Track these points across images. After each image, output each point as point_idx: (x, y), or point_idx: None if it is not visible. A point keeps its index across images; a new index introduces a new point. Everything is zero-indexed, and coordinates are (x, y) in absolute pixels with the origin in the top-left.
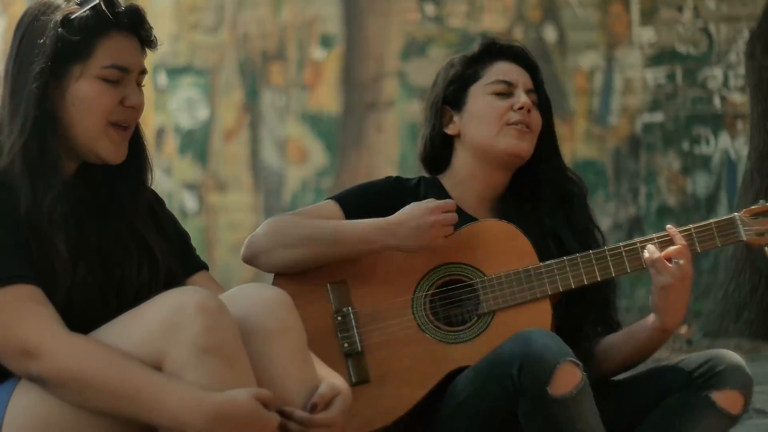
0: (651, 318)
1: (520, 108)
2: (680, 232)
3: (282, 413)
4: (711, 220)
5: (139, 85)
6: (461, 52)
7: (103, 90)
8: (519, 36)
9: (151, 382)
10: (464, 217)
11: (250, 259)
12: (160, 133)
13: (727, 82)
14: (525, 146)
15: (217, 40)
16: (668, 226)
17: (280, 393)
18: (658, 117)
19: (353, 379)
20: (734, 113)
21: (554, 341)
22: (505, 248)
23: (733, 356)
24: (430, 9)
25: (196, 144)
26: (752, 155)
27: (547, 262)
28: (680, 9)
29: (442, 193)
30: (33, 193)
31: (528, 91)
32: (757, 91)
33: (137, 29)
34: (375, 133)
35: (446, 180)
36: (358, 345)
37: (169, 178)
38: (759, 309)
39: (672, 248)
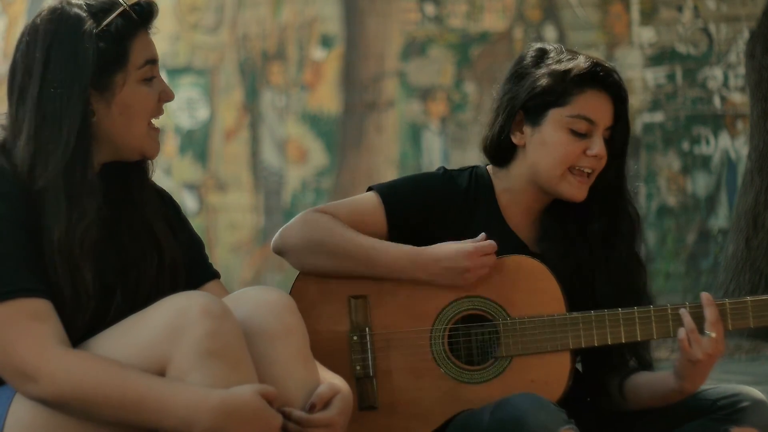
0: (671, 379)
1: (593, 156)
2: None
3: (281, 413)
4: (747, 298)
5: None
6: (555, 43)
7: (146, 92)
8: (519, 36)
9: (153, 388)
10: (504, 233)
11: (279, 253)
12: (160, 133)
13: (727, 82)
14: (582, 194)
15: (217, 40)
16: (703, 294)
17: (281, 394)
18: (658, 117)
19: (360, 404)
20: (734, 113)
21: (549, 416)
22: (532, 288)
23: (757, 394)
24: (430, 9)
25: (196, 144)
26: (752, 155)
27: (573, 314)
28: (680, 9)
29: (491, 198)
30: (68, 217)
31: (606, 128)
32: (757, 91)
33: (150, 23)
34: (375, 133)
35: (499, 180)
36: (371, 369)
37: (169, 178)
38: None
39: (708, 320)
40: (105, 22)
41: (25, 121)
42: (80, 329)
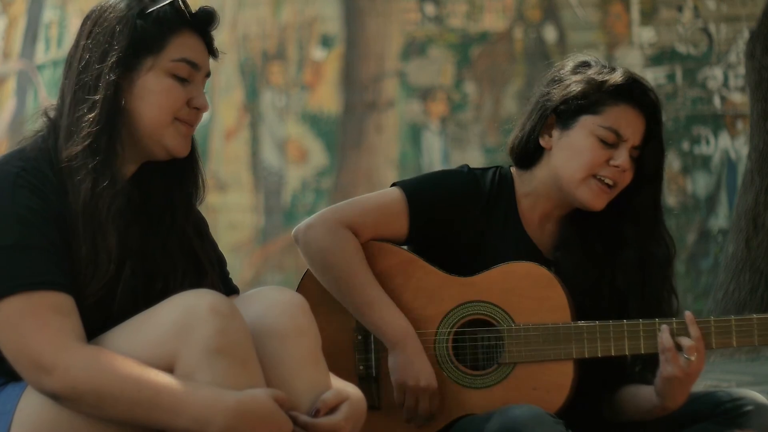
0: (654, 396)
1: (616, 167)
2: (702, 322)
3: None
4: (753, 316)
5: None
6: (598, 58)
7: (172, 87)
8: (519, 36)
9: (168, 386)
10: (520, 236)
11: (297, 244)
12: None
13: (727, 82)
14: (600, 204)
15: (217, 40)
16: (687, 312)
17: (289, 395)
18: None
19: None
20: (734, 113)
21: (547, 429)
22: (538, 296)
23: (761, 398)
24: (430, 9)
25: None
26: (752, 155)
27: (579, 323)
28: (680, 9)
29: (511, 201)
30: (94, 182)
31: (634, 147)
32: (757, 91)
33: (207, 32)
34: (375, 133)
35: (521, 183)
36: (374, 370)
37: None
38: (759, 309)
39: (687, 342)
40: (154, 7)
41: (69, 88)
42: (93, 297)
